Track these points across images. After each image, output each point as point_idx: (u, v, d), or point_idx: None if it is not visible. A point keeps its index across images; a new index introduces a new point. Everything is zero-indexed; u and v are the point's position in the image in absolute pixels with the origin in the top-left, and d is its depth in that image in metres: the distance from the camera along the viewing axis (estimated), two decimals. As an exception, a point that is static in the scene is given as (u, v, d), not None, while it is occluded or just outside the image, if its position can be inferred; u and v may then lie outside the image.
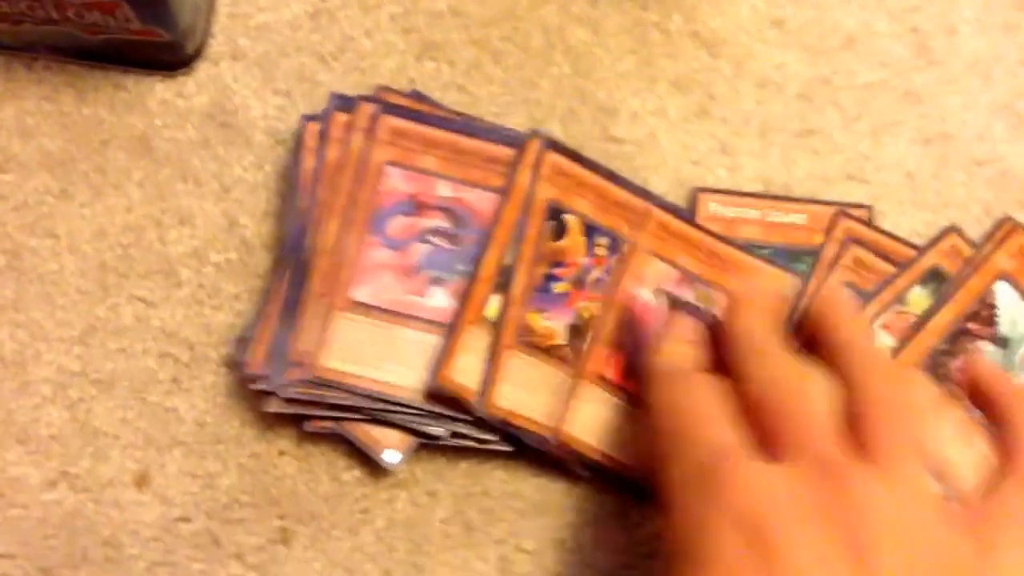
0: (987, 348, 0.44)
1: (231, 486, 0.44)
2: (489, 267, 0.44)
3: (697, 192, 0.48)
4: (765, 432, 0.35)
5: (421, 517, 0.44)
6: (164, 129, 0.48)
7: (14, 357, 0.45)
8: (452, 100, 0.49)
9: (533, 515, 0.44)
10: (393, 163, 0.46)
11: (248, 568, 0.43)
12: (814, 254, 0.47)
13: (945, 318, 0.45)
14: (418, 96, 0.48)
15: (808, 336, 0.41)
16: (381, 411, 0.42)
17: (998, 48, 0.52)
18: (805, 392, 0.35)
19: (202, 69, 0.50)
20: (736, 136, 0.50)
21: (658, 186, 0.49)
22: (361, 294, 0.44)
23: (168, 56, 0.48)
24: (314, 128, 0.46)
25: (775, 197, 0.49)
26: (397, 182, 0.46)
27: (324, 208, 0.45)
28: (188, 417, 0.45)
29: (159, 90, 0.49)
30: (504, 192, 0.45)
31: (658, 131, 0.50)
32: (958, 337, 0.45)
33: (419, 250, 0.45)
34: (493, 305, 0.44)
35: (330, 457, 0.44)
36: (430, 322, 0.43)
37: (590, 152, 0.49)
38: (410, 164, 0.46)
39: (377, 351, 0.43)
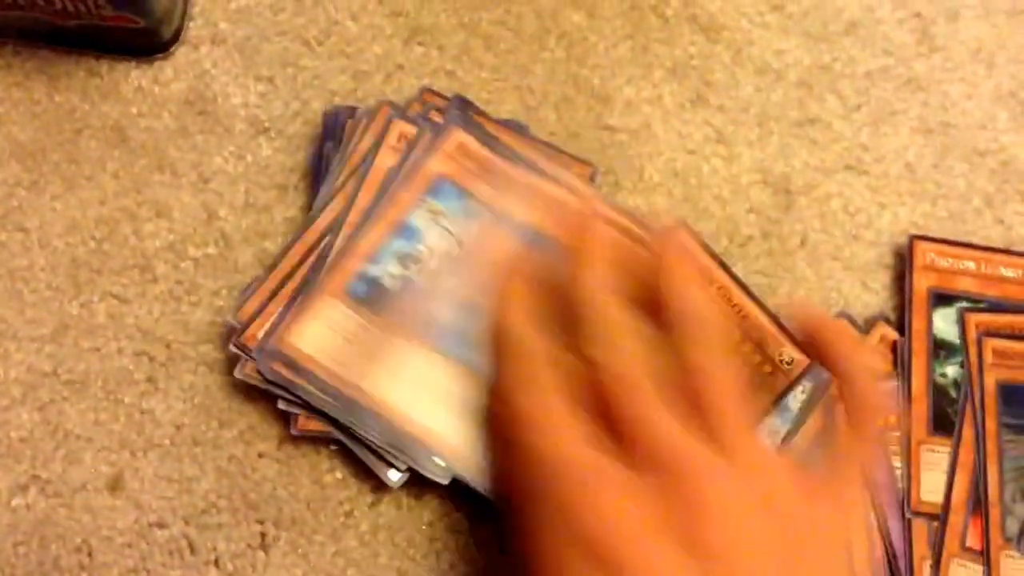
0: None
1: (209, 490, 0.42)
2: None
3: (913, 239, 0.45)
4: (611, 425, 0.33)
5: (406, 521, 0.42)
6: (140, 118, 0.47)
7: (-17, 355, 0.43)
8: (442, 86, 0.47)
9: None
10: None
11: (225, 574, 0.41)
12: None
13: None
14: (463, 102, 0.46)
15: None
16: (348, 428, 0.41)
17: (1002, 34, 0.50)
18: (648, 392, 0.33)
19: (180, 54, 0.48)
20: (733, 125, 0.48)
21: (653, 176, 0.47)
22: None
23: (144, 41, 0.46)
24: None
25: (991, 249, 0.46)
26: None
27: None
28: (164, 419, 0.43)
29: (135, 76, 0.47)
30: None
31: (653, 119, 0.48)
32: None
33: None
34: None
35: (312, 460, 0.42)
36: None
37: (584, 141, 0.47)
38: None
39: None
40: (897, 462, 0.42)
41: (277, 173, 0.46)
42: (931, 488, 0.42)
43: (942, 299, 0.45)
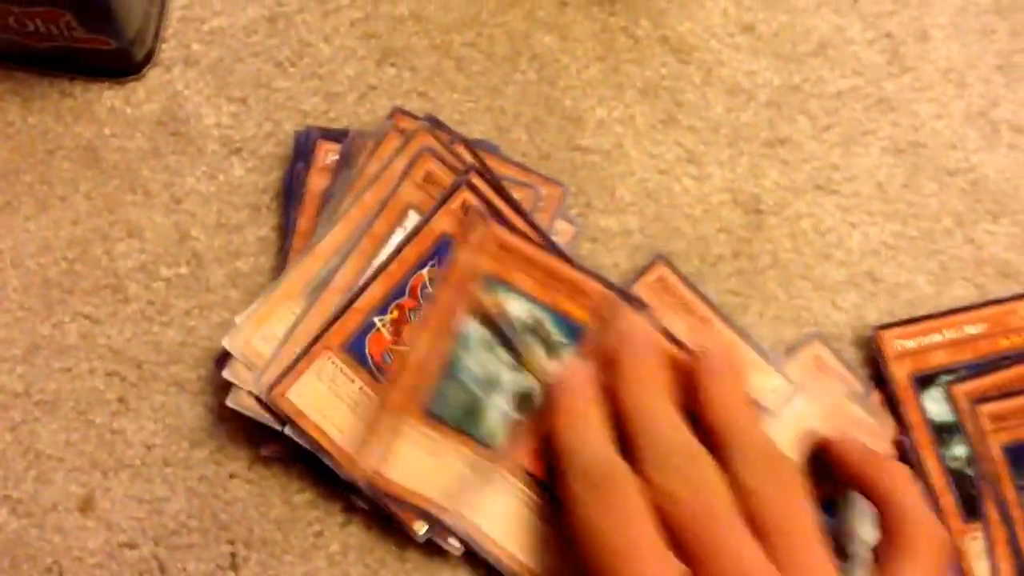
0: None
1: (179, 510, 0.42)
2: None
3: (879, 332, 0.45)
4: (683, 550, 0.34)
5: (376, 542, 0.42)
6: (113, 138, 0.47)
7: (-46, 376, 0.43)
8: (414, 107, 0.48)
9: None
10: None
11: (196, 596, 0.41)
12: (1007, 358, 0.44)
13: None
14: (435, 122, 0.46)
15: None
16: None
17: (972, 54, 0.51)
18: (729, 524, 0.34)
19: (153, 75, 0.48)
20: (704, 145, 0.49)
21: (624, 196, 0.48)
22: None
23: (116, 63, 0.46)
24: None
25: (951, 312, 0.45)
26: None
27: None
28: (135, 439, 0.43)
29: (107, 97, 0.47)
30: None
31: (625, 140, 0.49)
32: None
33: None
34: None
35: (282, 480, 0.43)
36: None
37: (556, 161, 0.48)
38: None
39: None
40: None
41: (249, 193, 0.46)
42: (984, 577, 0.41)
43: (924, 382, 0.44)
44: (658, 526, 0.34)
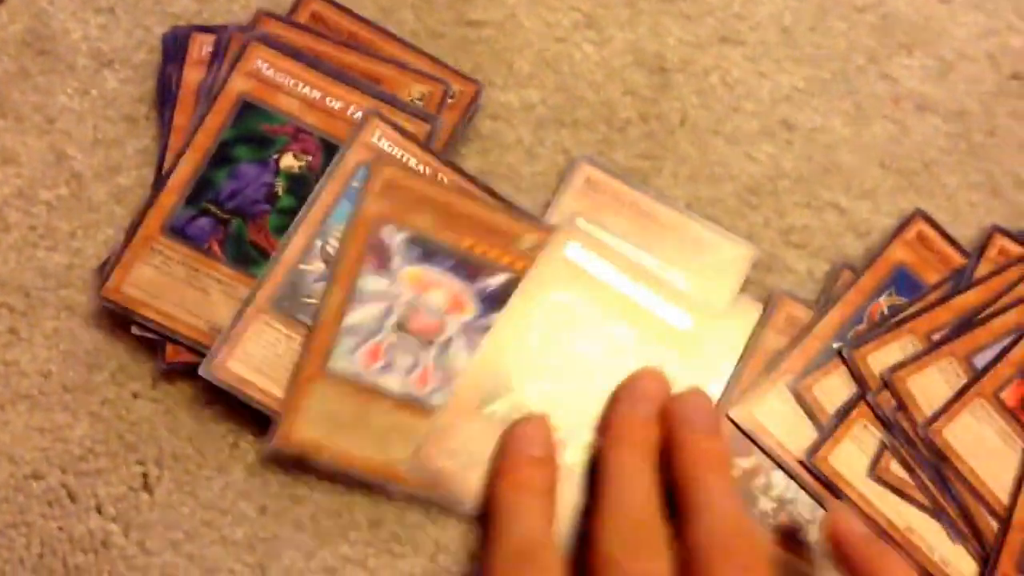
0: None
1: (83, 436, 0.40)
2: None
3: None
4: None
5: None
6: (-25, 63, 0.44)
7: None
8: None
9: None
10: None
11: (109, 520, 0.39)
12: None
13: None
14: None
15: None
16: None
17: None
18: None
19: (12, -6, 0.45)
20: (602, 8, 0.47)
21: (523, 69, 0.45)
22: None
23: (-31, -18, 0.44)
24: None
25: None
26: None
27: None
28: (30, 369, 0.41)
29: (-35, 21, 0.45)
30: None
31: (518, 10, 0.46)
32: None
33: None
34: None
35: (188, 394, 0.41)
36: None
37: (448, 39, 0.45)
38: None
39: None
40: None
41: (125, 105, 0.44)
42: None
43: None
44: None
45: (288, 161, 0.41)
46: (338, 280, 0.40)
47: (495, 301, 0.40)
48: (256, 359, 0.39)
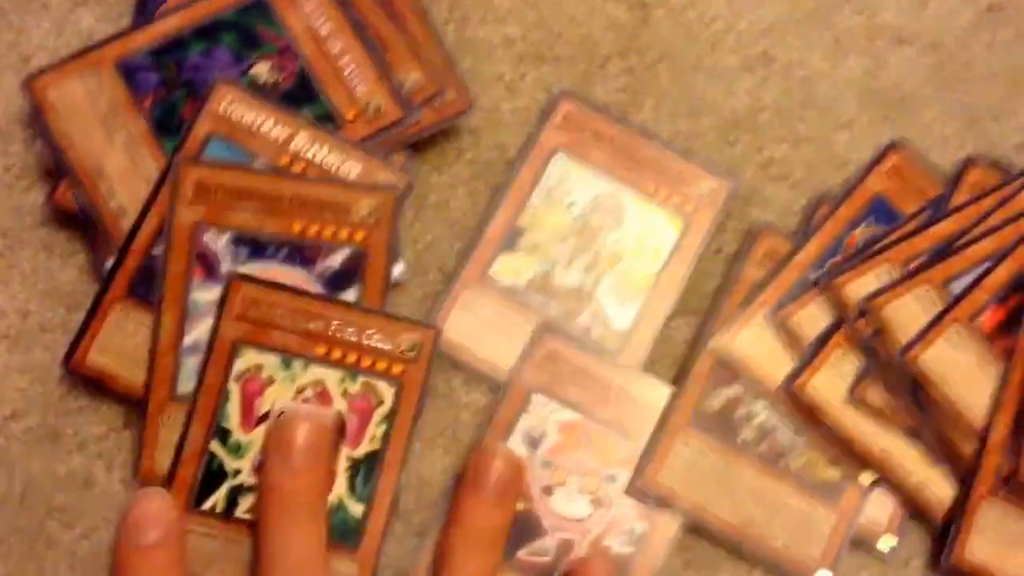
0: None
1: (64, 376, 0.40)
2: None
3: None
4: None
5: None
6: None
7: None
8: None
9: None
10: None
11: (92, 458, 0.39)
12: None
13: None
14: None
15: None
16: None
17: None
18: None
19: (-21, -68, 0.44)
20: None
21: (502, 4, 0.45)
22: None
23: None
24: None
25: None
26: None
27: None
28: (9, 308, 0.41)
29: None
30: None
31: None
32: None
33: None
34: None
35: (169, 330, 0.40)
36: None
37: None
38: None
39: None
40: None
41: (99, 42, 0.43)
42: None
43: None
44: None
45: (261, 68, 0.41)
46: (167, 301, 0.38)
47: (341, 280, 0.39)
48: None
